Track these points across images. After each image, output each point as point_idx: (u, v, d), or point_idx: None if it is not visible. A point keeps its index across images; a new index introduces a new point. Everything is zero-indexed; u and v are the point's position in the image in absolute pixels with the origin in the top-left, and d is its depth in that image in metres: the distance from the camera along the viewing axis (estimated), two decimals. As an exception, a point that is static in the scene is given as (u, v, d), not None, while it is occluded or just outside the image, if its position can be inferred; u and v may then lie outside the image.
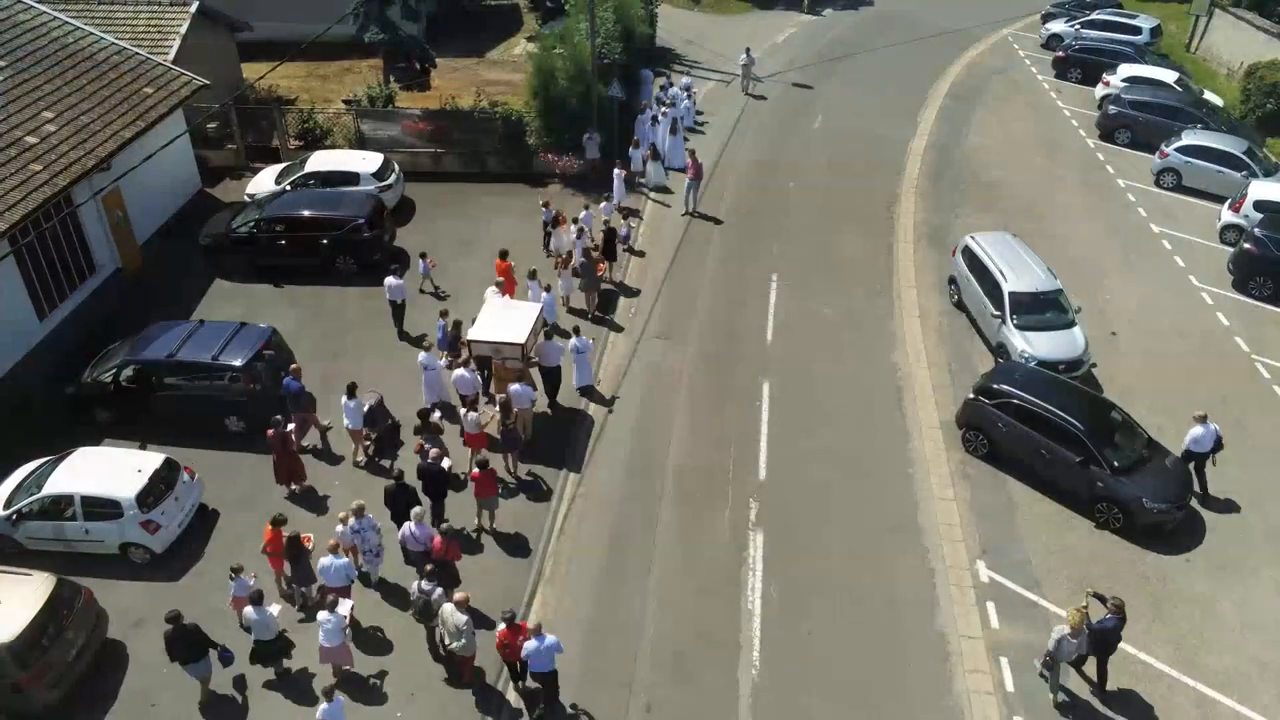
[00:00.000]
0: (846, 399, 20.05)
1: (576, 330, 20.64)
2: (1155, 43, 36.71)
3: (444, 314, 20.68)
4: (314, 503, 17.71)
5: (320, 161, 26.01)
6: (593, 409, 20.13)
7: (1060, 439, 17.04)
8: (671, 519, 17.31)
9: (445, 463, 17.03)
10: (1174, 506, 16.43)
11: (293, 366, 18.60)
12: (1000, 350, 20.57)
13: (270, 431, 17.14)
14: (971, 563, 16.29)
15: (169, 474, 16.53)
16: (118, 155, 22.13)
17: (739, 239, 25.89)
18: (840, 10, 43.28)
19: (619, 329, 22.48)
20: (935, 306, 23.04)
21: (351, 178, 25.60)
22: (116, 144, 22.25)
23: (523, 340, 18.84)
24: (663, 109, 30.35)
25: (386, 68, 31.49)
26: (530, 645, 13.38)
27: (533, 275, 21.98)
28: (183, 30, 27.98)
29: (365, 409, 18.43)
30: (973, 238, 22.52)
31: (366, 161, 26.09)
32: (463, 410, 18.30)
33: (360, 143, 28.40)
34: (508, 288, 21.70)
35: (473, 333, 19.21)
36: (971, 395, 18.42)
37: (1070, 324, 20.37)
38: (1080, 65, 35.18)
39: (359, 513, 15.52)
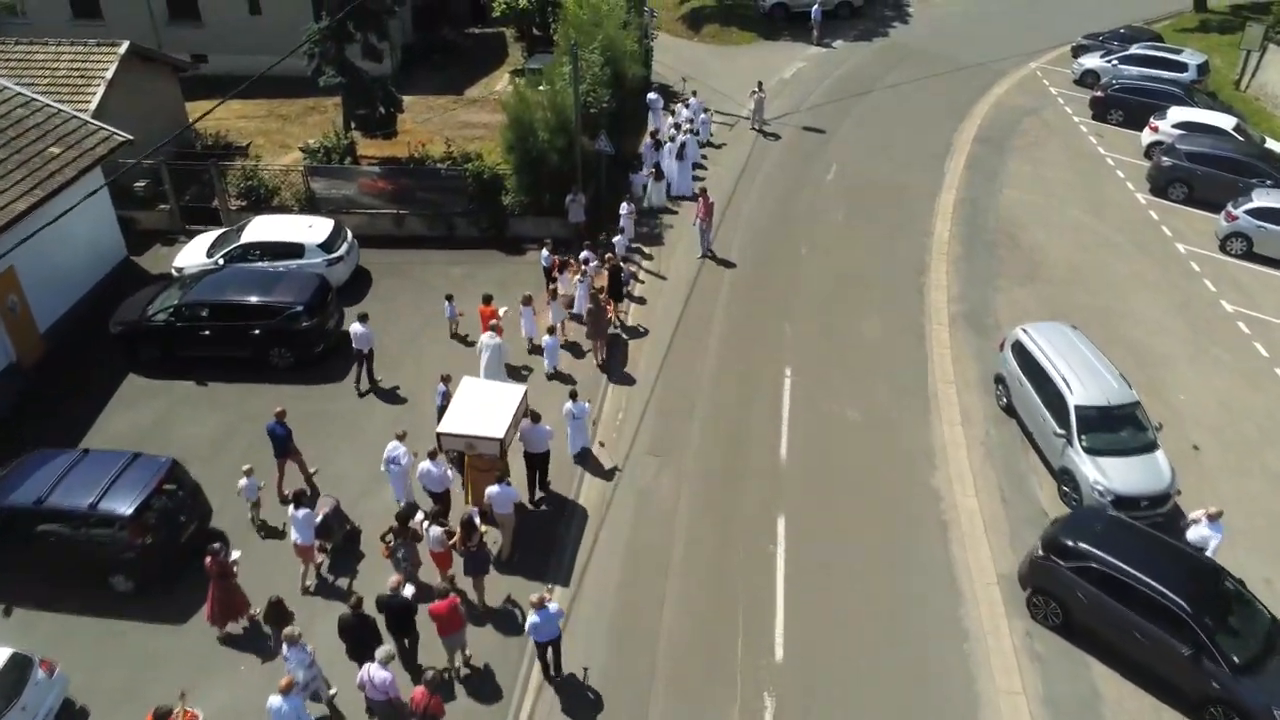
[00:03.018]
0: (881, 541, 16.39)
1: (574, 395, 17.95)
2: (1202, 81, 33.19)
3: (445, 379, 17.85)
4: (254, 643, 14.48)
5: (259, 230, 22.38)
6: (586, 489, 17.53)
7: (1160, 620, 13.38)
8: (664, 716, 13.64)
9: (408, 590, 13.95)
10: (1313, 718, 12.76)
11: (277, 410, 16.88)
12: (1064, 477, 16.94)
13: (208, 560, 14.05)
14: (1052, 792, 12.64)
15: (17, 675, 12.83)
16: (7, 231, 18.54)
17: (745, 318, 22.29)
18: (852, 42, 39.78)
19: (624, 380, 20.35)
20: (979, 409, 19.43)
21: (295, 249, 22.01)
22: (6, 219, 18.68)
23: (501, 435, 15.83)
24: (672, 133, 28.09)
25: (346, 113, 27.94)
26: (534, 619, 13.31)
27: (526, 301, 20.60)
28: (108, 75, 24.50)
29: (319, 518, 15.50)
30: (1025, 331, 18.91)
31: (313, 230, 22.48)
32: (425, 523, 15.15)
33: (311, 202, 24.82)
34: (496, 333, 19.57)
35: (444, 424, 16.18)
36: (1040, 553, 14.74)
37: (1151, 445, 16.75)
38: (1121, 106, 31.64)
39: (291, 639, 12.83)
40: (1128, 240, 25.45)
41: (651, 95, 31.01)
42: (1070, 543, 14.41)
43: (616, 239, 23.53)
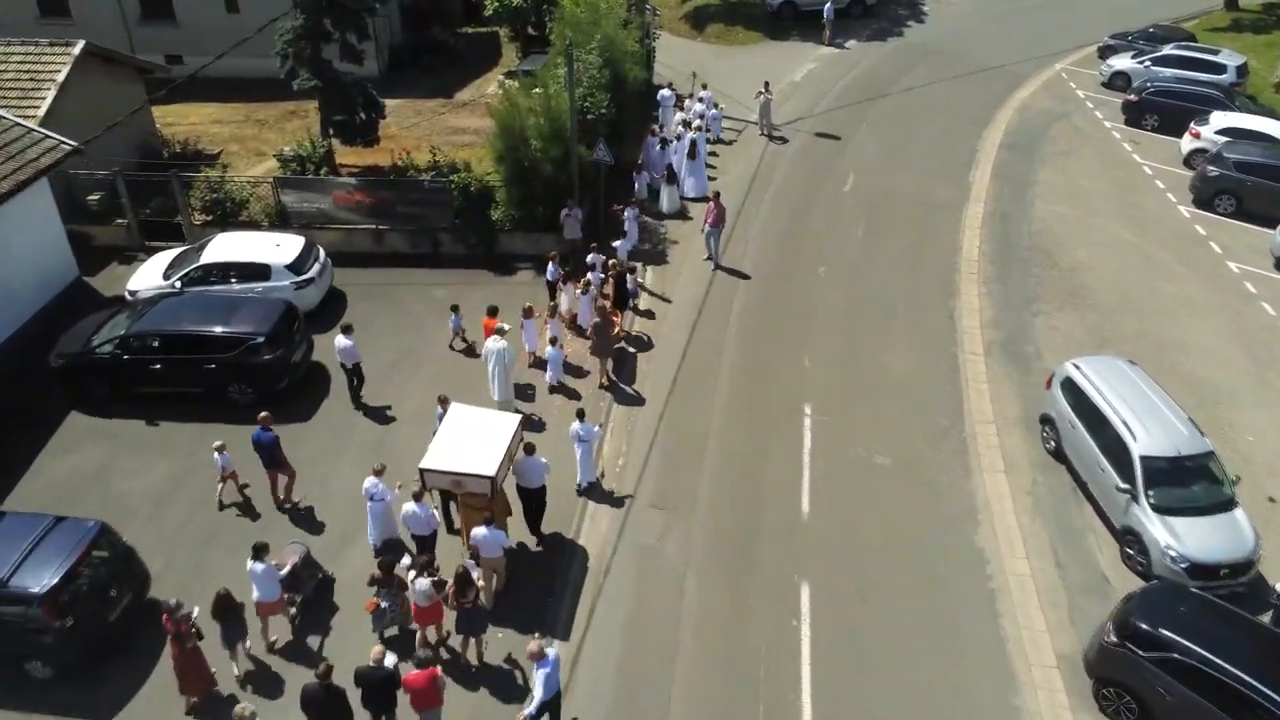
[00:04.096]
0: (921, 613, 14.25)
1: (581, 414, 16.22)
2: (1242, 83, 31.11)
3: (443, 400, 16.07)
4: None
5: (221, 249, 20.26)
6: (588, 531, 15.67)
7: (1262, 727, 11.31)
8: (673, 841, 11.57)
9: (390, 660, 12.08)
10: None
11: (261, 415, 15.65)
12: (1128, 538, 14.83)
13: (164, 617, 12.43)
14: None
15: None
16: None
17: (759, 346, 20.17)
18: (865, 42, 37.65)
19: (630, 399, 18.72)
20: (1023, 453, 17.32)
21: (260, 270, 19.92)
22: (-71, 240, 16.67)
23: (493, 472, 14.03)
24: (679, 131, 26.36)
25: (324, 119, 25.82)
26: (541, 673, 11.85)
27: (528, 314, 19.10)
28: (60, 77, 22.42)
29: (286, 570, 13.80)
30: (1077, 366, 16.81)
31: (282, 249, 20.36)
32: (410, 573, 13.37)
33: (282, 217, 22.72)
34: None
35: (428, 459, 14.39)
36: (1113, 638, 12.61)
37: (1229, 503, 14.65)
38: (1157, 110, 29.50)
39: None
40: (1174, 258, 23.34)
41: (665, 92, 29.21)
42: (1148, 627, 12.29)
43: (619, 243, 21.78)
